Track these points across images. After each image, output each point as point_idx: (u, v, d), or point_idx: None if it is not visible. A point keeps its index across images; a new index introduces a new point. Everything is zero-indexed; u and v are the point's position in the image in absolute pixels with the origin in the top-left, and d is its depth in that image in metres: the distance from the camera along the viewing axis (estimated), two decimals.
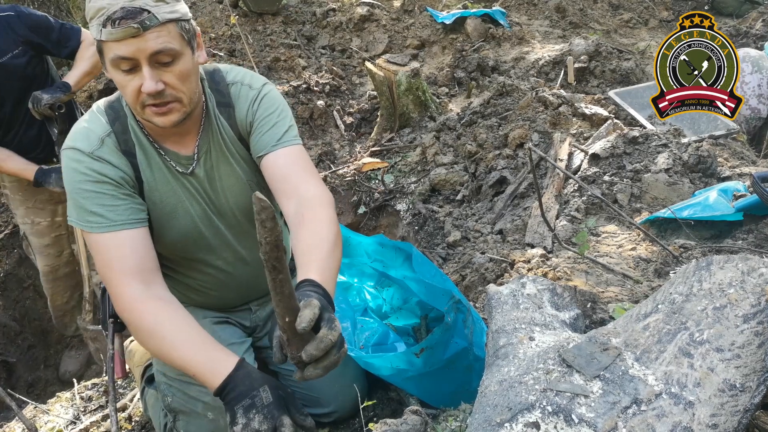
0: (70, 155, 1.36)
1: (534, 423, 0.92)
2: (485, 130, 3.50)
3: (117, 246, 1.33)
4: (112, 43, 1.22)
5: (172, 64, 1.28)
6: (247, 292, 1.75)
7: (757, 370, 0.93)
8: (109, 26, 1.20)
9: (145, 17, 1.21)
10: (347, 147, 4.25)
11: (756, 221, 2.05)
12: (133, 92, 1.27)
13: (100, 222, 1.33)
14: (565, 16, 5.72)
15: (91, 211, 1.33)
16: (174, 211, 1.48)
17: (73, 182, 1.35)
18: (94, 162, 1.35)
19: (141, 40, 1.21)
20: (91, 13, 1.23)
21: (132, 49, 1.22)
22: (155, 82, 1.25)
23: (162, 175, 1.45)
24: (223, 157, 1.51)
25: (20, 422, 1.94)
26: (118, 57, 1.23)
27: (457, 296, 1.58)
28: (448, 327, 1.53)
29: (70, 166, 1.35)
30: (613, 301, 1.67)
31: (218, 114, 1.49)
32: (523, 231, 2.56)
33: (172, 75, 1.29)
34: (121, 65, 1.24)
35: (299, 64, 4.96)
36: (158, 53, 1.24)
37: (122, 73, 1.26)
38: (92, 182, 1.34)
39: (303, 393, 1.77)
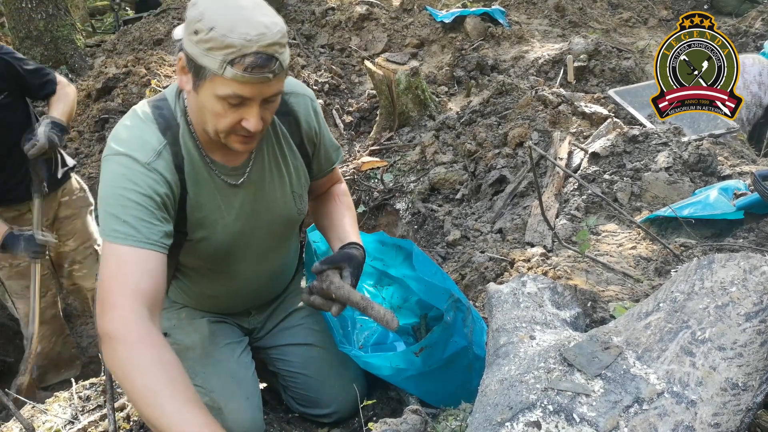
0: (122, 161, 1.29)
1: (535, 422, 0.91)
2: (485, 129, 3.49)
3: (137, 262, 1.25)
4: (237, 83, 1.19)
5: (274, 102, 1.29)
6: (253, 301, 1.75)
7: (760, 368, 0.92)
8: (239, 69, 1.17)
9: (276, 66, 1.20)
10: (346, 146, 4.25)
11: (757, 220, 2.04)
12: (230, 124, 1.26)
13: (129, 234, 1.25)
14: (564, 15, 5.72)
15: (125, 221, 1.26)
16: (213, 227, 1.44)
17: (116, 186, 1.28)
18: (148, 173, 1.29)
19: (266, 86, 1.21)
20: (214, 45, 1.17)
21: (255, 92, 1.21)
22: (260, 122, 1.26)
23: (207, 190, 1.42)
24: (276, 168, 1.50)
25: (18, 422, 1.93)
26: (236, 95, 1.21)
27: (457, 295, 1.57)
28: (447, 326, 1.52)
29: (118, 171, 1.28)
30: (614, 299, 1.66)
31: (279, 122, 1.48)
32: (523, 230, 2.55)
33: (270, 112, 1.30)
34: (231, 100, 1.22)
35: (298, 63, 4.96)
36: (272, 95, 1.25)
37: (227, 106, 1.24)
38: (138, 194, 1.27)
39: (302, 394, 1.77)
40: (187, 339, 1.61)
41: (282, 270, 1.73)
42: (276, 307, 1.81)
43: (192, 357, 1.59)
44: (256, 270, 1.61)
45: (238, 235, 1.49)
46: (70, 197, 2.60)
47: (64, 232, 2.63)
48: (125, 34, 6.01)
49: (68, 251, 2.67)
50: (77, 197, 2.64)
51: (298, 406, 1.80)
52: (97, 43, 6.09)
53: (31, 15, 5.32)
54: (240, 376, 1.62)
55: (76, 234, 2.66)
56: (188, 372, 1.55)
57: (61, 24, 5.51)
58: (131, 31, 5.99)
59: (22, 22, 5.34)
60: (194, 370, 1.58)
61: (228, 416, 1.53)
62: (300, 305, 1.81)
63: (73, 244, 2.66)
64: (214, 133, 1.31)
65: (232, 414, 1.54)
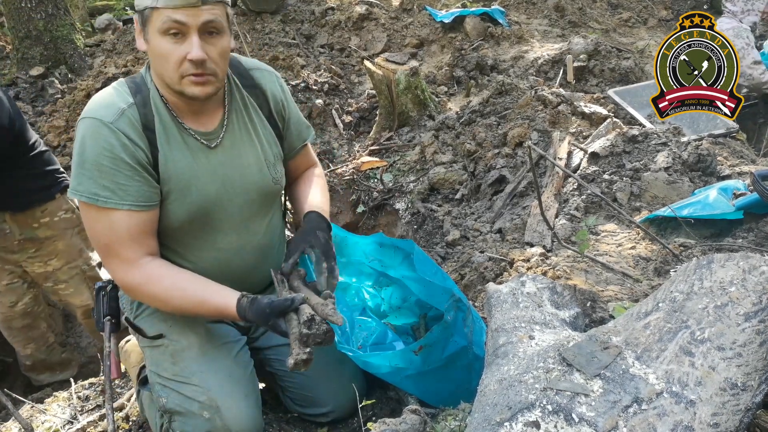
0: (89, 124, 1.39)
1: (534, 422, 0.91)
2: (484, 129, 3.49)
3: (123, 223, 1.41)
4: (169, 9, 1.32)
5: (217, 38, 1.39)
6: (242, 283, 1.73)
7: (759, 368, 0.92)
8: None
9: None
10: (346, 146, 4.24)
11: (756, 220, 2.04)
12: (177, 60, 1.36)
13: (110, 198, 1.38)
14: (564, 15, 5.72)
15: (104, 186, 1.38)
16: (187, 188, 1.50)
17: (89, 153, 1.37)
18: (112, 135, 1.38)
19: (197, 10, 1.32)
20: None
21: (188, 17, 1.33)
22: (202, 51, 1.35)
23: (180, 151, 1.49)
24: (247, 135, 1.59)
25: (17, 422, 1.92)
26: (172, 20, 1.32)
27: (458, 295, 1.57)
28: (447, 325, 1.52)
29: (88, 136, 1.38)
30: (613, 299, 1.66)
31: (246, 95, 1.59)
32: (523, 230, 2.55)
33: (215, 50, 1.38)
34: (171, 30, 1.33)
35: (298, 63, 4.95)
36: (209, 23, 1.35)
37: (169, 40, 1.35)
38: (110, 158, 1.37)
39: (300, 393, 1.77)
40: (184, 339, 1.61)
41: (266, 246, 1.71)
42: None
43: (189, 356, 1.59)
44: (240, 241, 1.62)
45: (214, 198, 1.54)
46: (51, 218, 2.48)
47: (44, 252, 2.53)
48: (125, 33, 6.01)
49: (51, 270, 2.58)
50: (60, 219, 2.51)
51: (296, 406, 1.80)
52: (96, 42, 6.08)
53: (31, 15, 5.31)
54: (238, 375, 1.61)
55: (58, 255, 2.56)
56: (185, 372, 1.56)
57: (60, 24, 5.50)
58: (131, 30, 5.99)
59: (21, 22, 5.33)
60: (191, 369, 1.57)
61: (226, 415, 1.52)
62: None
63: (56, 264, 2.57)
64: (170, 79, 1.40)
65: (230, 412, 1.53)
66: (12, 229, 2.43)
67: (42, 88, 5.16)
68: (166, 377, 1.59)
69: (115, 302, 1.72)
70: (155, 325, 1.63)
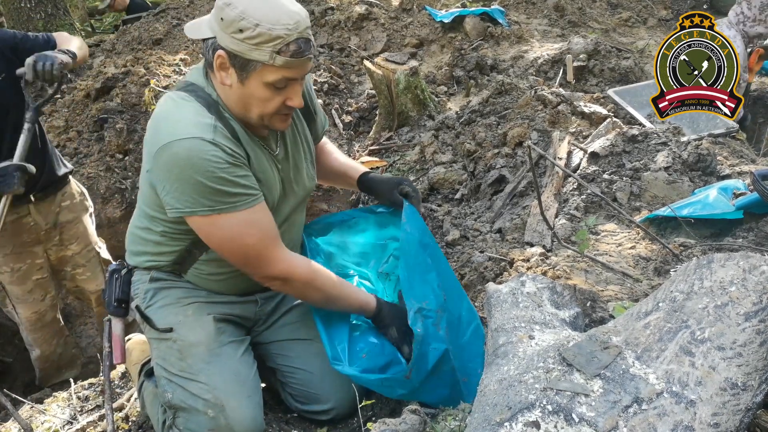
0: (190, 145, 1.38)
1: (534, 422, 0.91)
2: (484, 129, 3.49)
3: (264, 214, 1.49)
4: (286, 68, 1.37)
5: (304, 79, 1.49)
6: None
7: (759, 368, 0.92)
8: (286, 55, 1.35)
9: (312, 47, 1.41)
10: (346, 146, 4.24)
11: (756, 219, 2.04)
12: (277, 106, 1.44)
13: (246, 199, 1.44)
14: (563, 15, 5.72)
15: (234, 193, 1.42)
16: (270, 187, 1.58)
17: (203, 171, 1.38)
18: (217, 149, 1.40)
19: (306, 65, 1.42)
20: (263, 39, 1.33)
21: (299, 73, 1.41)
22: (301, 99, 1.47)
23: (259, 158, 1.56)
24: (296, 138, 1.68)
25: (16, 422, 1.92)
26: (284, 79, 1.39)
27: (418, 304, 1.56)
28: (421, 338, 1.52)
29: (196, 156, 1.38)
30: (613, 299, 1.66)
31: None
32: (522, 230, 2.55)
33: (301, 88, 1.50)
34: (279, 84, 1.40)
35: None
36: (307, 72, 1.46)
37: (274, 91, 1.40)
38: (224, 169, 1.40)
39: (301, 389, 1.77)
40: (192, 336, 1.62)
41: (297, 239, 1.83)
42: (280, 301, 1.82)
43: (197, 353, 1.60)
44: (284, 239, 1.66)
45: (279, 200, 1.63)
46: (71, 201, 2.58)
47: (66, 236, 2.60)
48: (124, 34, 6.00)
49: (71, 255, 2.64)
50: (78, 201, 2.61)
51: (297, 403, 1.80)
52: (96, 42, 6.07)
53: (30, 15, 5.31)
54: (243, 375, 1.62)
55: (78, 238, 2.64)
56: (192, 369, 1.58)
57: (60, 24, 5.50)
58: (130, 30, 5.99)
59: (21, 22, 5.34)
60: (198, 367, 1.58)
61: (230, 414, 1.54)
62: (300, 301, 1.81)
63: (76, 248, 2.64)
64: (258, 117, 1.46)
65: (234, 412, 1.54)
66: (37, 220, 2.48)
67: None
68: (172, 372, 1.60)
69: (128, 287, 1.72)
70: (166, 318, 1.64)
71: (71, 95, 4.78)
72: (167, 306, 1.66)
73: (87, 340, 3.35)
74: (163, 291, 1.69)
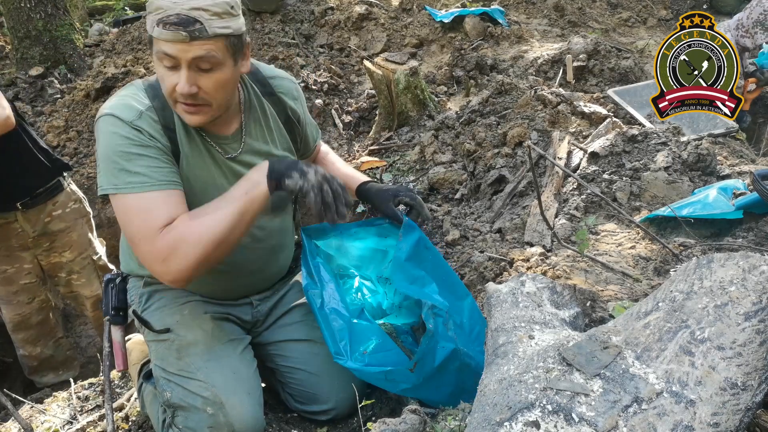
0: (109, 121, 1.40)
1: (534, 422, 0.91)
2: (484, 129, 3.49)
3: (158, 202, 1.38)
4: (161, 41, 1.32)
5: (211, 72, 1.37)
6: (253, 281, 1.76)
7: (759, 368, 0.92)
8: (161, 27, 1.30)
9: (196, 28, 1.30)
10: (345, 146, 4.24)
11: (756, 219, 2.04)
12: (169, 87, 1.38)
13: (143, 181, 1.38)
14: (563, 15, 5.72)
15: (135, 172, 1.37)
16: (204, 191, 1.52)
17: (113, 146, 1.38)
18: (133, 130, 1.39)
19: (186, 46, 1.32)
20: (152, 8, 1.32)
21: (175, 50, 1.32)
22: (189, 86, 1.35)
23: (199, 155, 1.51)
24: (263, 141, 1.62)
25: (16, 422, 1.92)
26: (162, 53, 1.33)
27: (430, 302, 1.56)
28: (431, 334, 1.52)
29: (109, 131, 1.39)
30: (613, 299, 1.66)
31: (265, 102, 1.63)
32: (522, 229, 2.55)
33: (209, 81, 1.38)
34: (164, 61, 1.35)
35: (297, 62, 4.95)
36: (199, 59, 1.34)
37: (164, 68, 1.36)
38: (137, 145, 1.38)
39: (301, 390, 1.77)
40: (190, 335, 1.62)
41: (279, 245, 1.77)
42: (277, 302, 1.82)
43: (195, 352, 1.60)
44: (253, 241, 1.64)
45: None
46: (62, 210, 2.54)
47: (59, 244, 2.58)
48: (124, 33, 6.00)
49: (65, 262, 2.62)
50: (71, 209, 2.57)
51: (296, 403, 1.80)
52: (96, 42, 6.07)
53: (30, 15, 5.30)
54: (242, 373, 1.62)
55: (72, 246, 2.61)
56: (191, 367, 1.57)
57: (60, 24, 5.49)
58: (130, 30, 5.99)
59: (21, 22, 5.33)
60: (197, 365, 1.58)
61: (230, 412, 1.53)
62: (300, 301, 1.81)
63: (70, 256, 2.61)
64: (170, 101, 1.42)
65: (234, 410, 1.54)
66: (24, 228, 2.46)
67: (41, 88, 5.16)
68: (171, 372, 1.59)
69: (124, 294, 1.74)
70: (162, 320, 1.64)
71: (71, 95, 4.79)
72: (163, 307, 1.66)
73: (87, 340, 3.35)
74: (157, 293, 1.69)
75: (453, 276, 1.75)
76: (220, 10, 1.32)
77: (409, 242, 1.68)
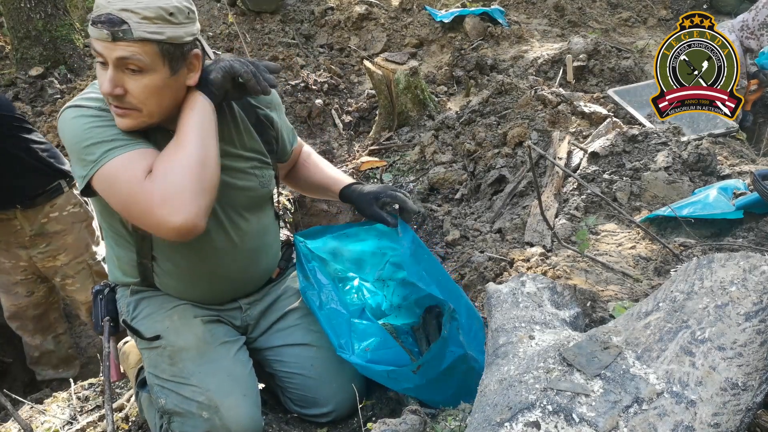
0: (71, 112, 1.40)
1: (534, 422, 0.91)
2: (484, 129, 3.49)
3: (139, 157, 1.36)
4: (93, 39, 1.33)
5: (139, 75, 1.34)
6: (237, 283, 1.73)
7: (759, 368, 0.92)
8: (92, 24, 1.32)
9: (121, 29, 1.29)
10: (345, 146, 4.24)
11: (756, 219, 2.04)
12: (100, 86, 1.37)
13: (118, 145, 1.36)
14: (563, 15, 5.72)
15: (109, 140, 1.37)
16: None
17: (81, 128, 1.38)
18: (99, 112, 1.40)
19: (111, 45, 1.31)
20: (93, 7, 1.34)
21: (102, 48, 1.32)
22: (112, 86, 1.34)
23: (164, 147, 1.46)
24: (230, 144, 1.58)
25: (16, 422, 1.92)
26: (94, 49, 1.34)
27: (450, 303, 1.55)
28: (445, 340, 1.51)
29: (73, 118, 1.39)
30: (613, 299, 1.66)
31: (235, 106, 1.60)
32: (523, 229, 2.55)
33: (137, 85, 1.35)
34: (97, 58, 1.35)
35: (297, 62, 4.95)
36: (124, 59, 1.32)
37: (99, 68, 1.37)
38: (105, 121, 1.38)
39: (300, 394, 1.76)
40: (181, 340, 1.61)
41: (260, 246, 1.73)
42: (269, 306, 1.80)
43: (187, 357, 1.58)
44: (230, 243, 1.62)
45: None
46: (60, 212, 2.53)
47: (54, 247, 2.57)
48: None
49: (59, 266, 2.62)
50: (68, 213, 2.57)
51: (296, 407, 1.79)
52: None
53: (30, 15, 5.30)
54: (237, 374, 1.61)
55: (67, 249, 2.60)
56: (184, 373, 1.56)
57: (60, 24, 5.49)
58: None
59: (20, 22, 5.32)
60: (190, 370, 1.57)
61: (225, 415, 1.52)
62: (295, 305, 1.80)
63: (64, 259, 2.61)
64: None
65: (230, 411, 1.53)
66: (23, 224, 2.48)
67: (41, 88, 5.16)
68: (164, 378, 1.58)
69: (113, 304, 1.72)
70: (152, 327, 1.63)
71: (71, 95, 4.79)
72: (152, 314, 1.65)
73: (87, 340, 3.35)
74: (144, 301, 1.68)
75: (446, 276, 1.75)
76: (152, 14, 1.30)
77: (408, 240, 1.68)
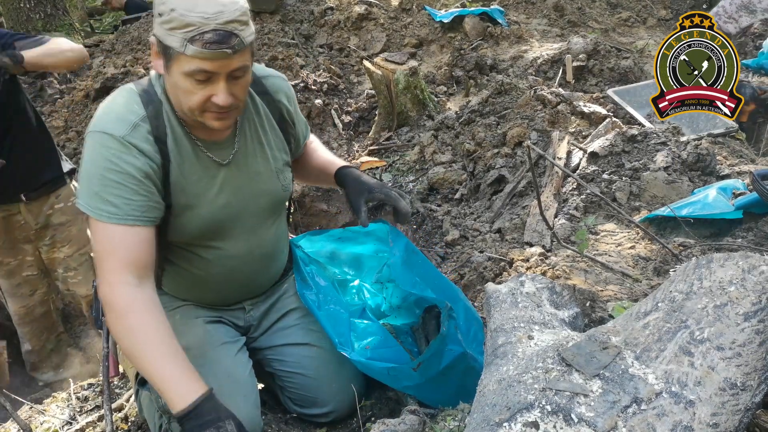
0: (98, 139, 1.38)
1: (533, 422, 0.91)
2: (483, 129, 3.49)
3: (122, 238, 1.37)
4: (200, 59, 1.29)
5: (242, 78, 1.38)
6: (246, 288, 1.74)
7: (758, 368, 0.92)
8: (198, 45, 1.26)
9: (235, 43, 1.29)
10: (345, 146, 4.24)
11: (756, 219, 2.04)
12: (200, 100, 1.35)
13: (112, 213, 1.36)
14: (563, 15, 5.72)
15: (107, 200, 1.36)
16: (198, 201, 1.50)
17: (96, 167, 1.37)
18: (122, 149, 1.37)
19: (228, 61, 1.30)
20: (176, 25, 1.27)
21: (218, 67, 1.31)
22: (229, 96, 1.35)
23: (191, 164, 1.48)
24: (258, 144, 1.59)
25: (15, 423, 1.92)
26: (200, 70, 1.30)
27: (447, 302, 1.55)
28: (444, 338, 1.52)
29: (96, 150, 1.37)
30: (612, 299, 1.66)
31: (259, 101, 1.60)
32: (522, 229, 2.55)
33: (240, 87, 1.39)
34: (197, 76, 1.32)
35: (297, 62, 4.95)
36: (237, 70, 1.34)
37: (194, 83, 1.33)
38: (116, 172, 1.36)
39: (300, 394, 1.76)
40: (182, 340, 1.60)
41: (273, 253, 1.74)
42: (271, 306, 1.81)
43: (187, 358, 1.58)
44: (247, 248, 1.62)
45: (225, 209, 1.54)
46: (65, 203, 2.55)
47: (59, 239, 2.59)
48: (124, 34, 6.00)
49: (62, 257, 2.63)
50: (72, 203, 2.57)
51: (296, 407, 1.79)
52: (95, 43, 6.06)
53: (30, 15, 5.31)
54: (237, 375, 1.61)
55: (71, 241, 2.62)
56: None
57: (59, 24, 5.50)
58: (130, 31, 5.98)
59: (20, 22, 5.33)
60: None
61: None
62: (295, 306, 1.81)
63: (68, 251, 2.62)
64: (189, 111, 1.39)
65: None
66: (27, 219, 2.48)
67: (41, 88, 5.16)
68: None
69: None
70: None
71: (71, 95, 4.79)
72: None
73: (87, 340, 3.34)
74: None
75: (443, 278, 1.75)
76: (246, 18, 1.33)
77: (400, 247, 1.69)
